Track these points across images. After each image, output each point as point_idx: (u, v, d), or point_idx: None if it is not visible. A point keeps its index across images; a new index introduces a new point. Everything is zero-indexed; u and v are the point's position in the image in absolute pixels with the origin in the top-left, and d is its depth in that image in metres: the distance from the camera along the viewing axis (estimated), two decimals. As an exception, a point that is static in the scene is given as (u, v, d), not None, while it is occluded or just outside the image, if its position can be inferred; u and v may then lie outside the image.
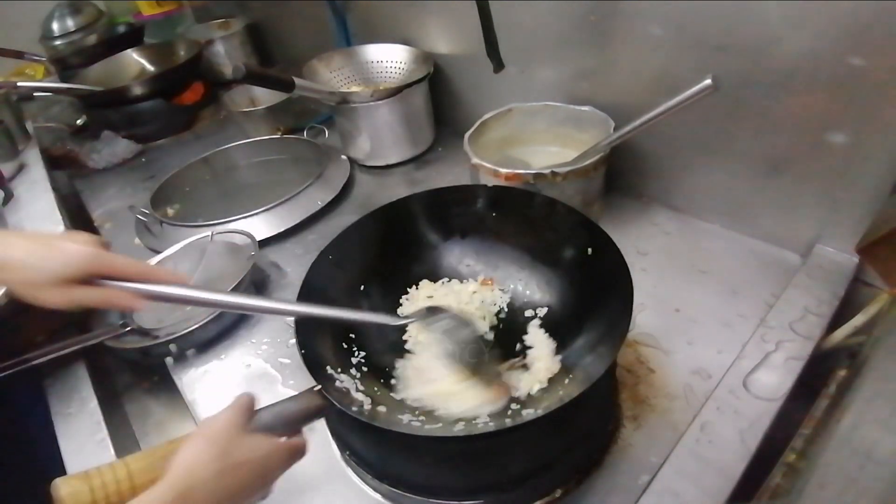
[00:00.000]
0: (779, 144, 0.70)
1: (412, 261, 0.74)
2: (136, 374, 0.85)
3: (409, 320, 0.61)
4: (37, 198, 1.05)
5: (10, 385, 0.70)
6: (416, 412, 0.57)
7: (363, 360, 0.64)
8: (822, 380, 0.65)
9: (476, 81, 1.06)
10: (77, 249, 0.48)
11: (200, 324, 0.76)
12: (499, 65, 0.83)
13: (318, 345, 0.59)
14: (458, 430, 0.53)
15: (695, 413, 0.59)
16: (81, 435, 0.68)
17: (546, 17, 0.85)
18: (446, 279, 0.73)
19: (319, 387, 0.51)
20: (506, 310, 0.70)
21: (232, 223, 0.94)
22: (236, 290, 0.79)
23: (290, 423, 0.49)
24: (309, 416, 0.50)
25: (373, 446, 0.57)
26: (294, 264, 0.91)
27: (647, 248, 0.82)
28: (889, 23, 0.55)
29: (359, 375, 0.61)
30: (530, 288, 0.71)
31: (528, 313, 0.68)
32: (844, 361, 0.65)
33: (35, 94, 1.38)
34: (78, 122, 1.44)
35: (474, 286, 0.72)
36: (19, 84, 1.28)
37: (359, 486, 0.59)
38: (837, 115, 0.63)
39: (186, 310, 0.80)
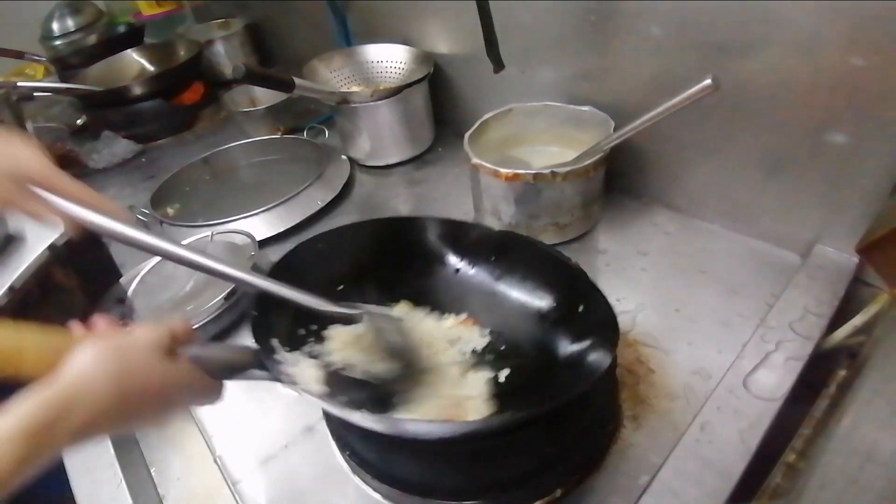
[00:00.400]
0: (779, 144, 0.70)
1: (399, 279, 0.69)
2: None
3: (344, 311, 0.58)
4: (37, 198, 1.05)
5: (10, 385, 0.70)
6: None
7: (312, 353, 0.60)
8: (822, 380, 0.65)
9: (476, 81, 1.06)
10: (32, 156, 0.46)
11: (200, 324, 0.76)
12: (499, 65, 0.83)
13: (273, 318, 0.58)
14: (457, 428, 0.53)
15: (695, 413, 0.59)
16: (81, 435, 0.68)
17: (546, 17, 0.85)
18: (428, 308, 0.68)
19: (257, 347, 0.51)
20: (478, 351, 0.64)
21: (232, 223, 0.94)
22: (236, 290, 0.79)
23: (217, 366, 0.47)
24: (235, 368, 0.49)
25: (373, 446, 0.57)
26: (294, 264, 0.90)
27: (647, 248, 0.82)
28: (889, 23, 0.55)
29: (300, 361, 0.58)
30: (511, 340, 0.64)
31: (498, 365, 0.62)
32: (844, 361, 0.65)
33: (35, 94, 1.38)
34: (78, 122, 1.44)
35: (452, 322, 0.66)
36: (19, 84, 1.29)
37: (359, 486, 0.59)
38: (837, 115, 0.63)
39: (187, 309, 0.80)
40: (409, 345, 0.60)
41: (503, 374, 0.60)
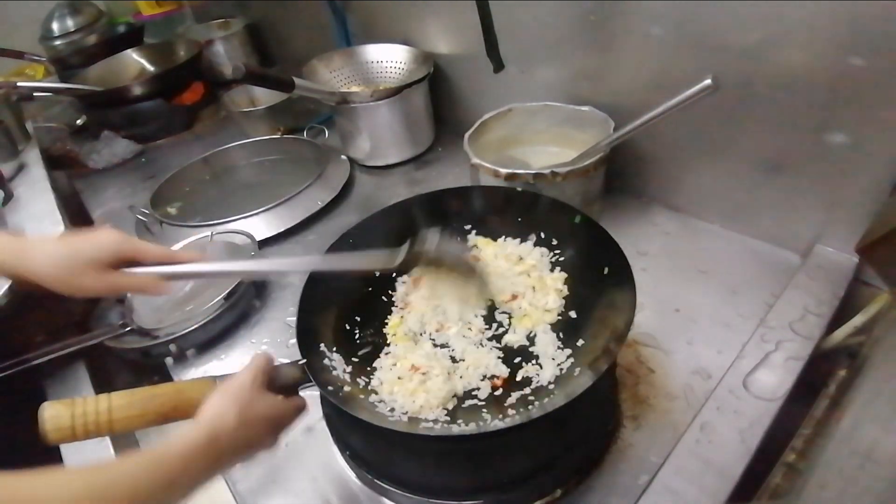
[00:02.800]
0: (779, 144, 0.70)
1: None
2: (136, 374, 0.85)
3: (399, 254, 0.61)
4: (37, 198, 1.05)
5: (10, 385, 0.70)
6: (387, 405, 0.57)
7: (361, 342, 0.65)
8: (822, 380, 0.65)
9: (476, 81, 1.06)
10: (107, 236, 0.54)
11: (200, 324, 0.76)
12: (499, 65, 0.83)
13: (318, 320, 0.62)
14: (459, 430, 0.53)
15: (695, 413, 0.59)
16: (81, 435, 0.68)
17: (546, 17, 0.85)
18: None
19: (304, 361, 0.54)
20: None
21: (232, 223, 0.94)
22: (236, 290, 0.79)
23: (289, 386, 0.53)
24: (299, 383, 0.54)
25: (373, 446, 0.57)
26: (294, 264, 0.90)
27: (647, 248, 0.82)
28: (889, 23, 0.55)
29: (354, 359, 0.62)
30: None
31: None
32: (844, 361, 0.65)
33: (35, 94, 1.37)
34: (78, 122, 1.44)
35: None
36: (19, 84, 1.28)
37: (358, 486, 0.59)
38: (837, 115, 0.63)
39: (186, 309, 0.80)
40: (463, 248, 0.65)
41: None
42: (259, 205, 0.97)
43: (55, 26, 1.64)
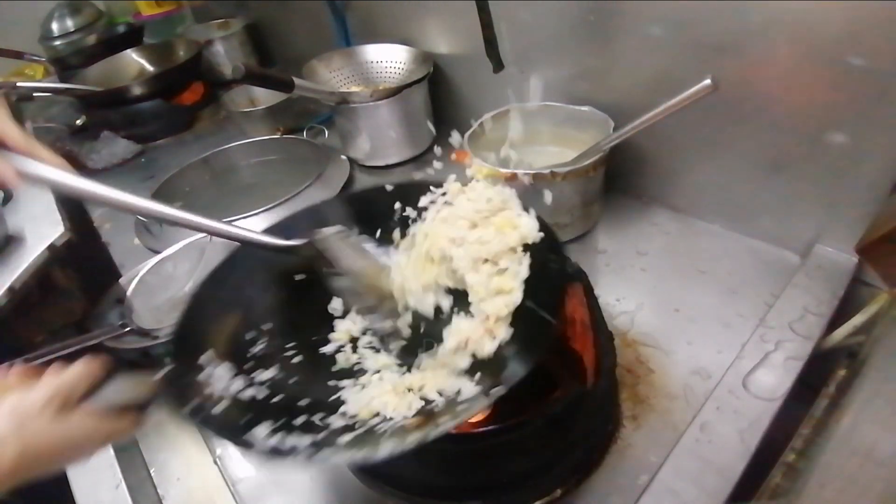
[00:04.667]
0: (779, 144, 0.70)
1: None
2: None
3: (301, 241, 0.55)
4: (37, 198, 1.05)
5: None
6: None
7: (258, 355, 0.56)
8: (822, 380, 0.65)
9: (476, 81, 1.06)
10: None
11: (200, 324, 0.75)
12: (499, 65, 0.83)
13: (210, 325, 0.54)
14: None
15: (695, 413, 0.59)
16: (81, 435, 0.68)
17: (546, 17, 0.85)
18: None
19: (162, 374, 0.48)
20: None
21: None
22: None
23: (126, 404, 0.46)
24: (146, 403, 0.47)
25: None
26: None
27: (647, 248, 0.82)
28: (889, 23, 0.55)
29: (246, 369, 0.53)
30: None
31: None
32: (844, 361, 0.65)
33: (35, 94, 1.37)
34: (78, 122, 1.44)
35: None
36: (19, 84, 1.28)
37: (358, 486, 0.59)
38: (837, 115, 0.63)
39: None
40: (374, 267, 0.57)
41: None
42: (259, 205, 0.96)
43: (55, 26, 1.64)
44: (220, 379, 0.50)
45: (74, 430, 0.42)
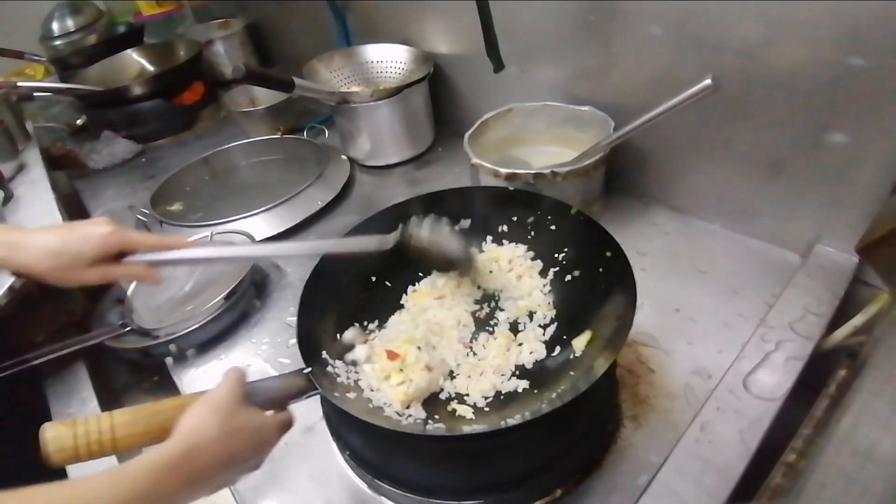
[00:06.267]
0: (779, 144, 0.70)
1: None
2: (136, 374, 0.85)
3: (394, 237, 0.63)
4: (37, 198, 1.05)
5: (9, 385, 0.70)
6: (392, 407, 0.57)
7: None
8: (822, 380, 0.65)
9: (476, 81, 1.06)
10: (99, 230, 0.55)
11: (200, 324, 0.76)
12: (499, 65, 0.83)
13: (317, 327, 0.61)
14: (458, 430, 0.53)
15: (695, 413, 0.59)
16: (81, 435, 0.68)
17: (546, 17, 0.85)
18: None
19: (308, 369, 0.53)
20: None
21: (232, 223, 0.94)
22: (236, 290, 0.79)
23: (276, 400, 0.51)
24: (292, 396, 0.52)
25: (373, 446, 0.57)
26: (294, 264, 0.90)
27: (647, 248, 0.82)
28: (889, 23, 0.55)
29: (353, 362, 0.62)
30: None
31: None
32: (844, 361, 0.65)
33: (35, 94, 1.38)
34: (78, 122, 1.44)
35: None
36: (19, 84, 1.29)
37: (358, 486, 0.59)
38: (837, 115, 0.63)
39: (186, 309, 0.80)
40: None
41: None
42: (259, 205, 0.97)
43: (55, 26, 1.65)
44: (341, 370, 0.60)
45: (261, 417, 0.47)
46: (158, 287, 0.77)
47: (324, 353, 0.60)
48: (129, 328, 0.77)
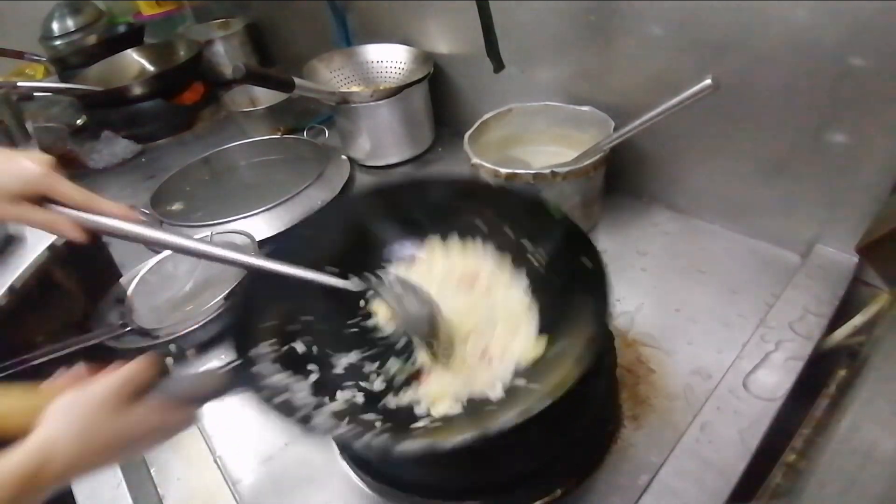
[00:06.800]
0: (779, 144, 0.70)
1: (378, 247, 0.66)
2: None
3: (366, 287, 0.58)
4: (37, 198, 1.05)
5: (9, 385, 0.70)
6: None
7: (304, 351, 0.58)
8: (822, 380, 0.65)
9: (476, 81, 1.06)
10: (32, 167, 0.50)
11: (200, 324, 0.75)
12: (499, 65, 0.83)
13: (254, 325, 0.56)
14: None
15: (695, 413, 0.59)
16: (81, 435, 0.68)
17: (546, 17, 0.85)
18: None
19: (233, 368, 0.49)
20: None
21: (232, 223, 0.94)
22: (236, 290, 0.79)
23: (187, 397, 0.48)
24: (208, 395, 0.48)
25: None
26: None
27: (647, 248, 0.82)
28: (889, 23, 0.55)
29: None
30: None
31: None
32: (844, 361, 0.65)
33: (35, 94, 1.38)
34: (78, 122, 1.44)
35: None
36: (19, 84, 1.28)
37: (358, 486, 0.59)
38: (837, 115, 0.63)
39: (186, 309, 0.80)
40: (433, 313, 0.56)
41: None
42: (259, 205, 0.96)
43: (55, 26, 1.65)
44: (271, 371, 0.53)
45: (134, 424, 0.43)
46: (154, 286, 0.77)
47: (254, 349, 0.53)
48: (129, 328, 0.77)
